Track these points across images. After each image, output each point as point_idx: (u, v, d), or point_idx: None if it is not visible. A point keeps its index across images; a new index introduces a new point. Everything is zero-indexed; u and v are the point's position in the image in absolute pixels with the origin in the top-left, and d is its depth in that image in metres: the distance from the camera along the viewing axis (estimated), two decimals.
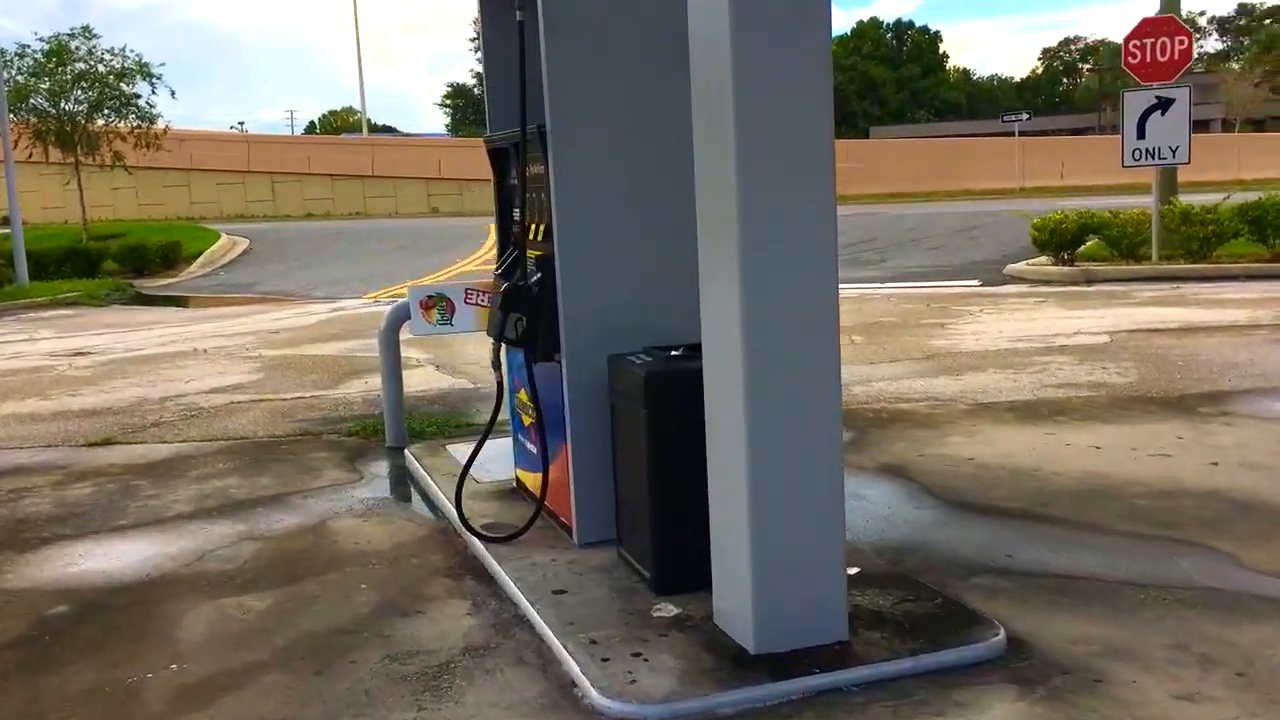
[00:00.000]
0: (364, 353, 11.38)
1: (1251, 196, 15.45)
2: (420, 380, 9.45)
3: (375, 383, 9.41)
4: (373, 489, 6.19)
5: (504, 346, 4.99)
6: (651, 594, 4.15)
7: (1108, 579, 4.28)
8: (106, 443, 7.55)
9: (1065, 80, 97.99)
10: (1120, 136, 15.06)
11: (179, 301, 20.75)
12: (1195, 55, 14.78)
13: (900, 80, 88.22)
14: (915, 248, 20.92)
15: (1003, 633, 3.70)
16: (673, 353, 4.26)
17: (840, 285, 3.53)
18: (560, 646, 3.78)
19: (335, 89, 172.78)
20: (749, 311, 3.47)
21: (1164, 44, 14.67)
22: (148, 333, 14.32)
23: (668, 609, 4.01)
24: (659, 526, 4.09)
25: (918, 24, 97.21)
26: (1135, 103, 14.73)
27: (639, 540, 4.26)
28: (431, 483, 5.92)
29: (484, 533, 4.92)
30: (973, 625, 3.78)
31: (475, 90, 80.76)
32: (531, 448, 5.28)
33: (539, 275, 4.72)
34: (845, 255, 19.87)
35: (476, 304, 7.01)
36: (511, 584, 4.39)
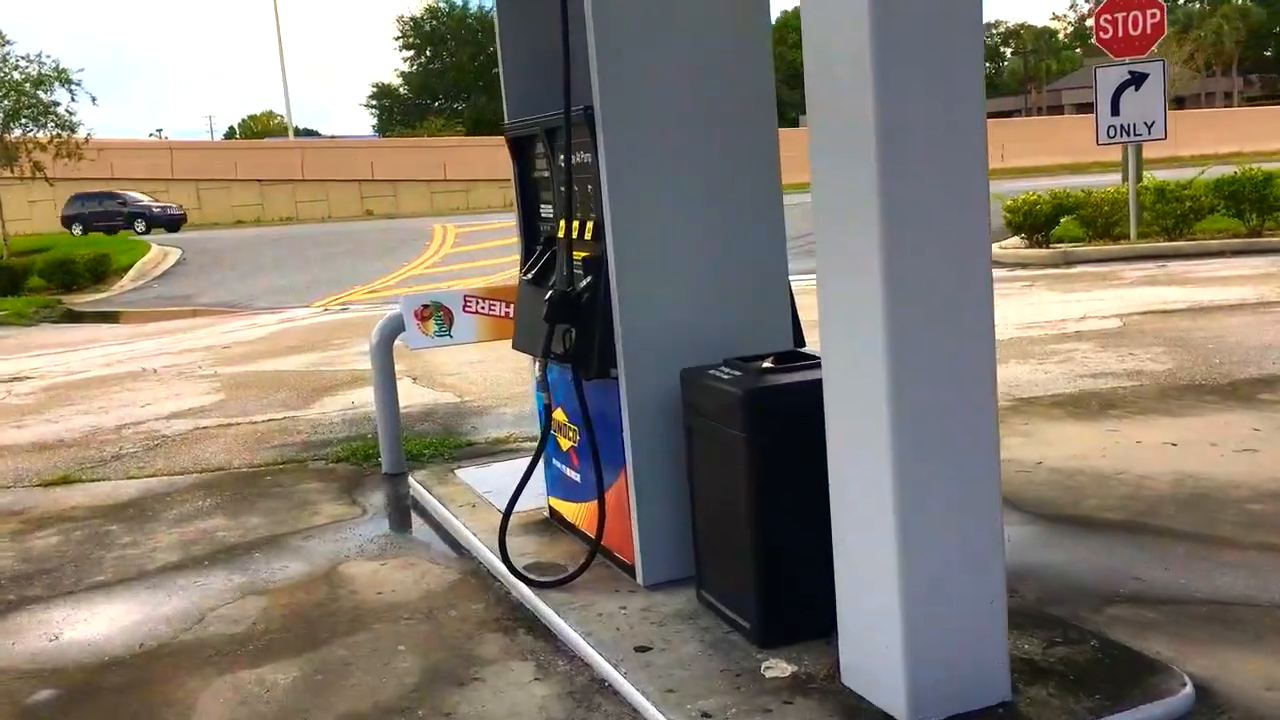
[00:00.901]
0: (328, 366, 10.66)
1: (1228, 170, 15.22)
2: (399, 396, 8.73)
3: (350, 399, 8.73)
4: (380, 525, 5.52)
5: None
6: (753, 647, 3.55)
7: (1265, 603, 3.77)
8: (65, 481, 6.77)
9: (989, 64, 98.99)
10: (1093, 114, 14.72)
11: (113, 317, 19.72)
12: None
13: None
14: None
15: (1189, 683, 3.16)
16: (764, 364, 3.67)
17: (803, 277, 2.99)
18: None
19: (252, 93, 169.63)
20: (893, 314, 2.88)
21: (1135, 18, 14.35)
22: (87, 353, 13.40)
23: (780, 666, 3.42)
24: (763, 569, 3.49)
25: None
26: (1108, 79, 14.40)
27: (732, 584, 3.66)
28: (450, 516, 5.27)
29: (533, 577, 4.28)
30: (1148, 674, 3.23)
31: (401, 90, 79.55)
32: (573, 475, 4.66)
33: (588, 280, 4.09)
34: (801, 246, 19.41)
35: (477, 312, 6.39)
36: (580, 640, 3.77)
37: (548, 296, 4.08)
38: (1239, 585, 3.92)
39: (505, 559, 4.26)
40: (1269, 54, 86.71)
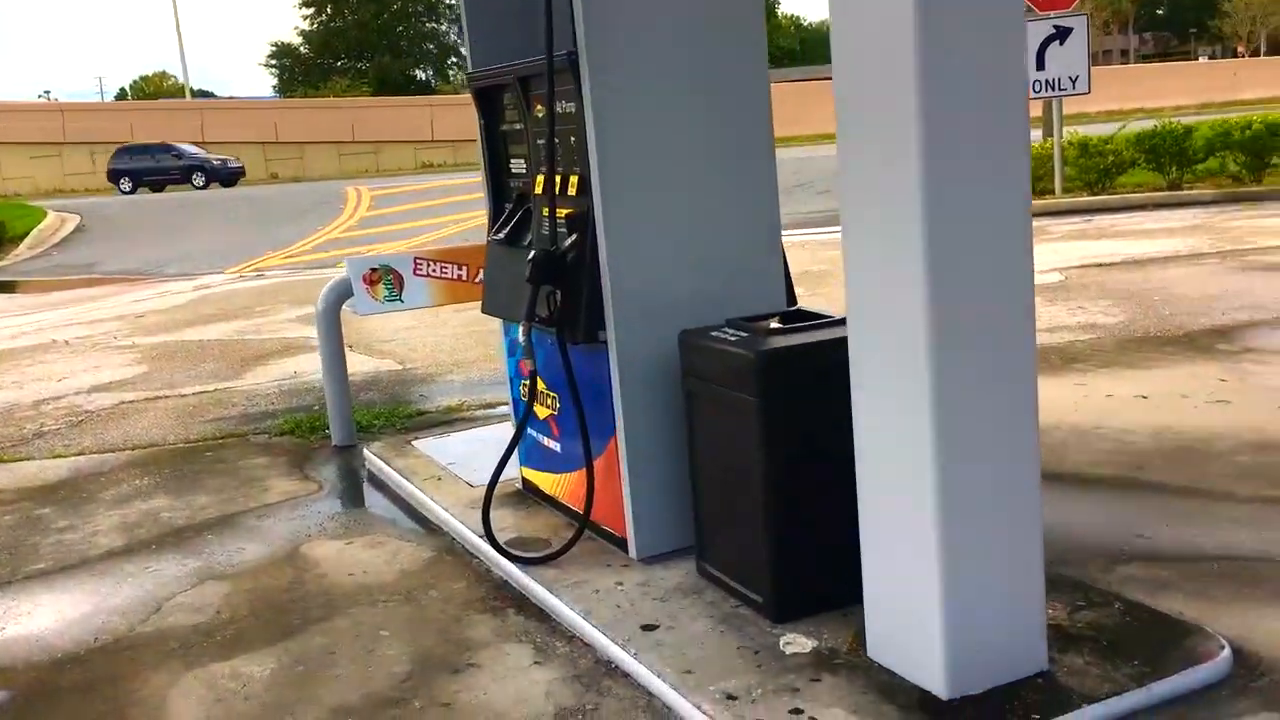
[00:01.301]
0: (255, 335, 10.23)
1: (1147, 124, 15.40)
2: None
3: (286, 369, 8.37)
4: (338, 501, 5.24)
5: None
6: (767, 622, 3.38)
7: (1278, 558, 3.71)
8: None
9: None
10: None
11: (9, 287, 18.82)
12: None
13: None
14: (803, 192, 20.40)
15: (1227, 645, 3.06)
16: (771, 325, 3.47)
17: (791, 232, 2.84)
18: (691, 707, 2.98)
19: (144, 53, 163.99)
20: (936, 266, 2.70)
21: None
22: None
23: (800, 641, 3.25)
24: (778, 540, 3.31)
25: None
26: (1033, 33, 14.40)
27: (740, 556, 3.48)
28: (416, 490, 5.01)
29: (519, 553, 4.05)
30: (1182, 637, 3.13)
31: (301, 49, 77.46)
32: (552, 444, 4.43)
33: (573, 238, 3.85)
34: None
35: (429, 275, 6.11)
36: (580, 619, 3.56)
37: (531, 257, 3.83)
38: (1248, 541, 3.85)
39: (489, 535, 4.02)
40: (1161, 12, 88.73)
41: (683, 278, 3.87)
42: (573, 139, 3.84)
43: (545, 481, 4.56)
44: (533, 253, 3.85)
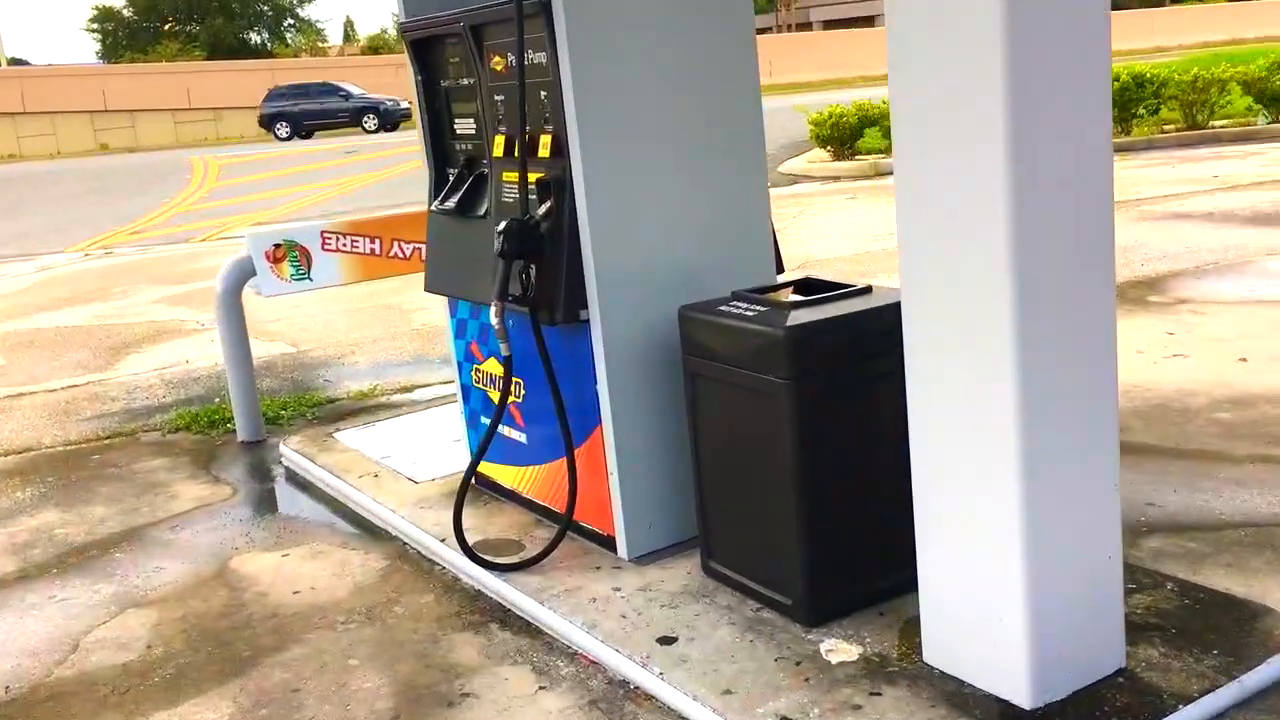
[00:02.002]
0: (119, 319, 9.44)
1: None
2: (213, 349, 7.75)
3: (163, 356, 7.70)
4: (260, 506, 4.71)
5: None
6: (798, 627, 3.05)
7: None
8: None
9: None
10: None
11: None
12: None
13: None
14: None
15: None
16: (790, 297, 3.13)
17: None
18: None
19: None
20: (1021, 225, 2.39)
21: None
22: None
23: (843, 648, 2.93)
24: (810, 536, 2.98)
25: None
26: None
27: (761, 554, 3.14)
28: (352, 490, 4.52)
29: (495, 560, 3.63)
30: (1252, 619, 2.92)
31: (125, 12, 73.49)
32: (515, 435, 4.01)
33: (547, 206, 3.43)
34: None
35: (338, 250, 5.59)
36: (582, 634, 3.18)
37: (502, 228, 3.39)
38: (1262, 505, 3.69)
39: (462, 541, 3.59)
40: None
41: (671, 248, 3.49)
42: (543, 94, 3.40)
43: (506, 475, 4.14)
44: (503, 223, 3.41)
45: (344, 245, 5.59)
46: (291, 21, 73.78)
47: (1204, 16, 46.30)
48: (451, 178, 4.02)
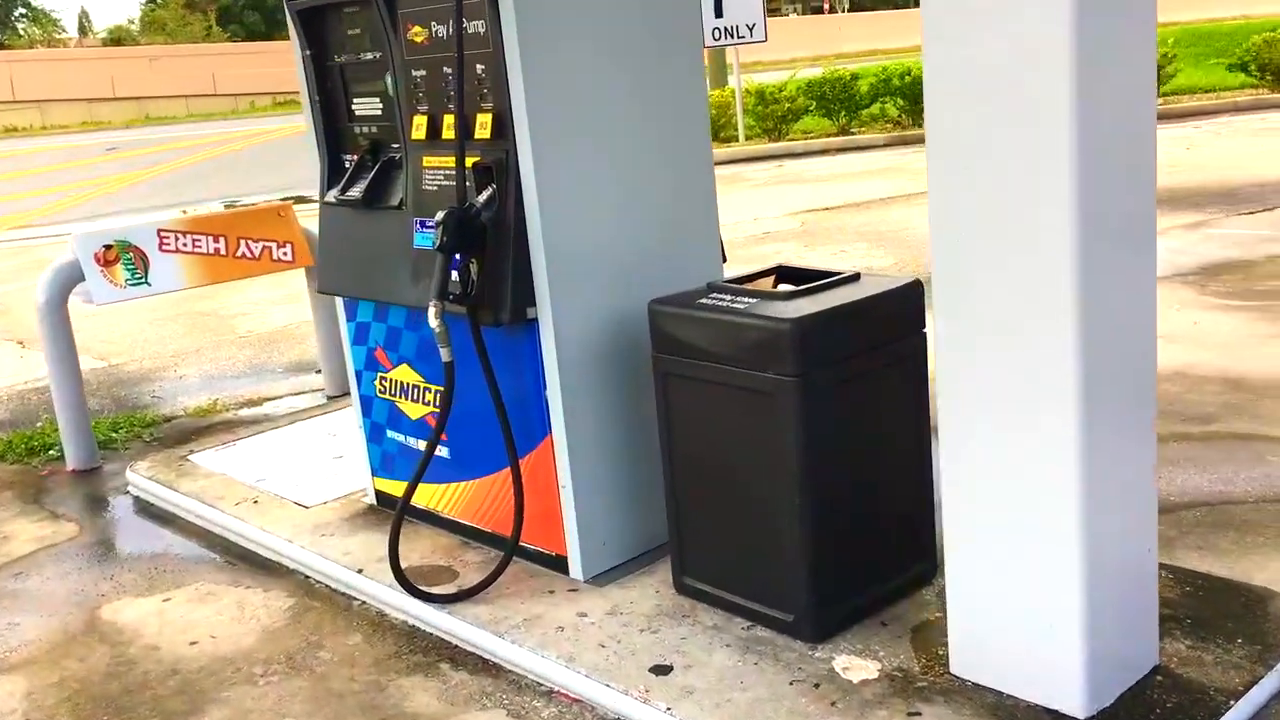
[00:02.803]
0: None
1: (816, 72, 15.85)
2: (6, 366, 6.93)
3: None
4: (116, 544, 4.12)
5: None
6: (801, 644, 2.81)
7: (1272, 498, 3.56)
8: None
9: None
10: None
11: None
12: None
13: None
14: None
15: None
16: (779, 287, 2.89)
17: None
18: None
19: None
20: (1085, 200, 2.22)
21: None
22: None
23: (858, 665, 2.71)
24: (817, 547, 2.75)
25: None
26: None
27: (756, 568, 2.88)
28: (231, 519, 4.00)
29: (435, 591, 3.24)
30: (1259, 604, 2.87)
31: None
32: (441, 451, 3.61)
33: (488, 193, 3.07)
34: None
35: (179, 250, 5.03)
36: (559, 668, 2.84)
37: (439, 218, 3.01)
38: (1204, 483, 3.70)
39: (398, 572, 3.18)
40: None
41: (623, 238, 3.19)
42: (480, 68, 3.04)
43: (420, 494, 3.73)
44: (440, 214, 3.02)
45: (184, 245, 5.02)
46: (23, 11, 68.59)
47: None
48: (350, 165, 3.59)
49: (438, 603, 3.20)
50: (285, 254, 5.24)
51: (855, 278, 2.90)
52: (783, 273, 3.03)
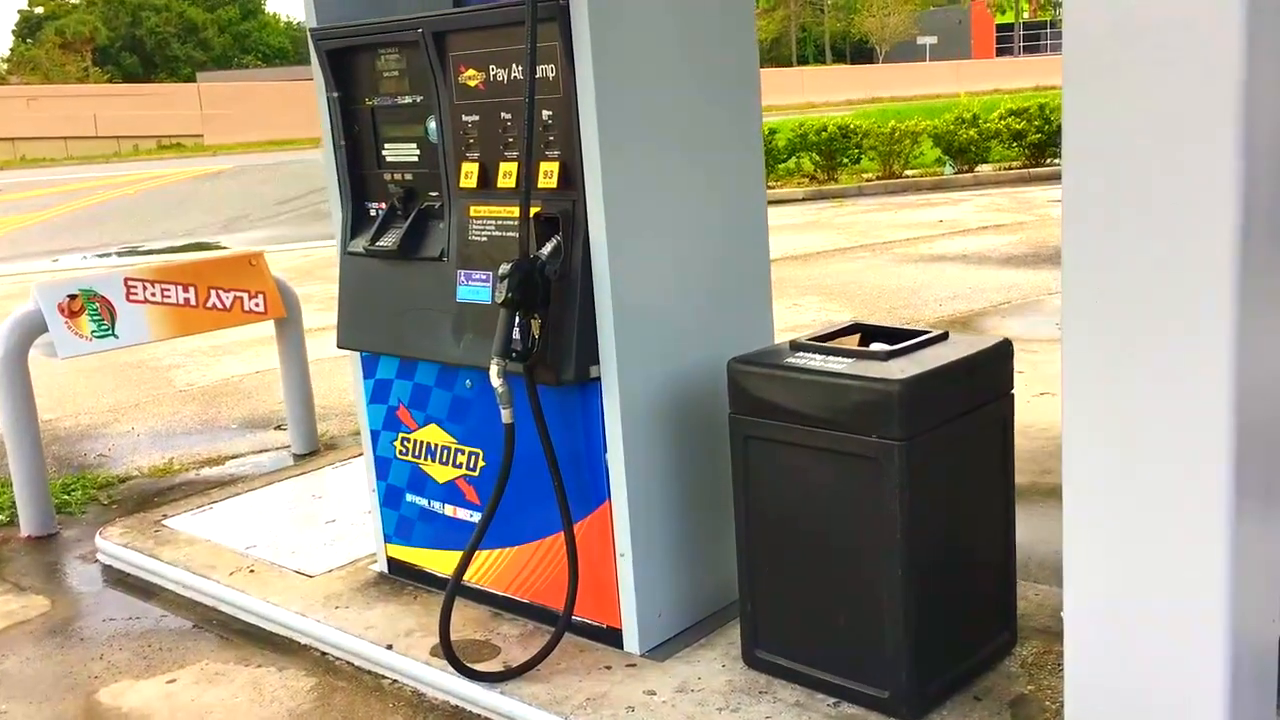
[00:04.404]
0: None
1: None
2: None
3: None
4: (97, 619, 3.79)
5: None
6: None
7: None
8: None
9: None
10: None
11: None
12: None
13: (221, 24, 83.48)
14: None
15: None
16: (876, 346, 2.78)
17: (311, 243, 2.36)
18: None
19: None
20: (1245, 220, 2.14)
21: None
22: None
23: None
24: (918, 620, 2.63)
25: None
26: None
27: (844, 641, 2.75)
28: (228, 590, 3.72)
29: (483, 669, 3.03)
30: None
31: None
32: (463, 515, 3.41)
33: (553, 245, 2.91)
34: (299, 208, 17.81)
35: (146, 300, 4.75)
36: None
37: (504, 271, 2.84)
38: None
39: (448, 648, 2.96)
40: None
41: (686, 296, 3.07)
42: (547, 114, 2.89)
43: (442, 562, 3.51)
44: (505, 266, 2.85)
45: (153, 295, 4.72)
46: None
47: (847, 76, 50.33)
48: (378, 214, 3.39)
49: (488, 681, 2.99)
50: (257, 305, 4.97)
51: (944, 337, 2.82)
52: (868, 331, 2.93)
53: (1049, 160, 15.05)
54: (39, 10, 74.26)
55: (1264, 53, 2.08)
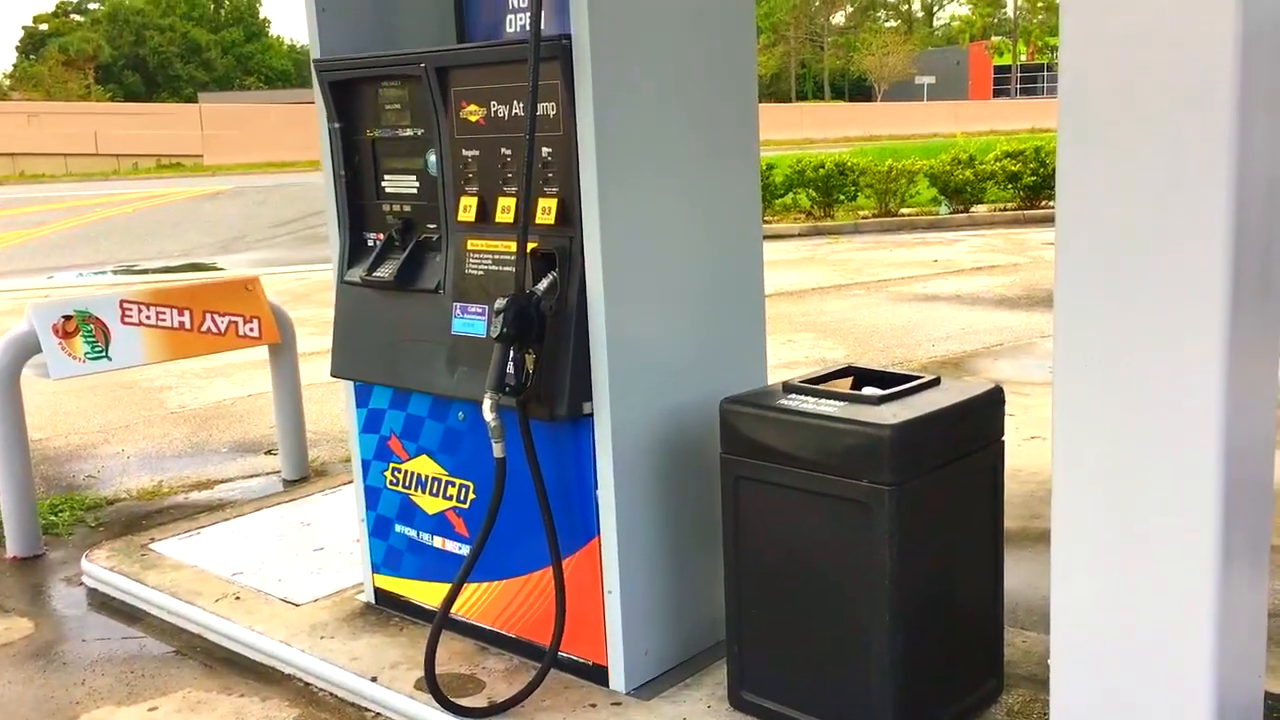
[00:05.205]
0: None
1: None
2: None
3: None
4: (80, 642, 3.77)
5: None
6: None
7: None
8: None
9: None
10: None
11: None
12: None
13: (224, 45, 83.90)
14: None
15: None
16: (869, 390, 2.79)
17: (307, 266, 2.37)
18: None
19: None
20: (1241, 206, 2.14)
21: None
22: None
23: None
24: (906, 663, 2.63)
25: None
26: None
27: (831, 684, 2.74)
28: (212, 617, 3.70)
29: (467, 704, 3.01)
30: None
31: None
32: (451, 547, 3.41)
33: (548, 280, 2.92)
34: (297, 231, 17.85)
35: (141, 323, 4.74)
36: None
37: (500, 305, 2.85)
38: None
39: (433, 684, 2.94)
40: None
41: (679, 334, 3.08)
42: (546, 151, 2.91)
43: (430, 594, 3.50)
44: (501, 301, 2.86)
45: (148, 318, 4.72)
46: None
47: (845, 113, 50.66)
48: (376, 244, 3.40)
49: (473, 717, 2.97)
50: (252, 329, 4.98)
51: (936, 382, 2.83)
52: (861, 374, 2.94)
53: (1044, 202, 15.15)
54: (43, 27, 74.64)
55: (1256, 107, 2.11)
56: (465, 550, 3.35)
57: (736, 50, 3.16)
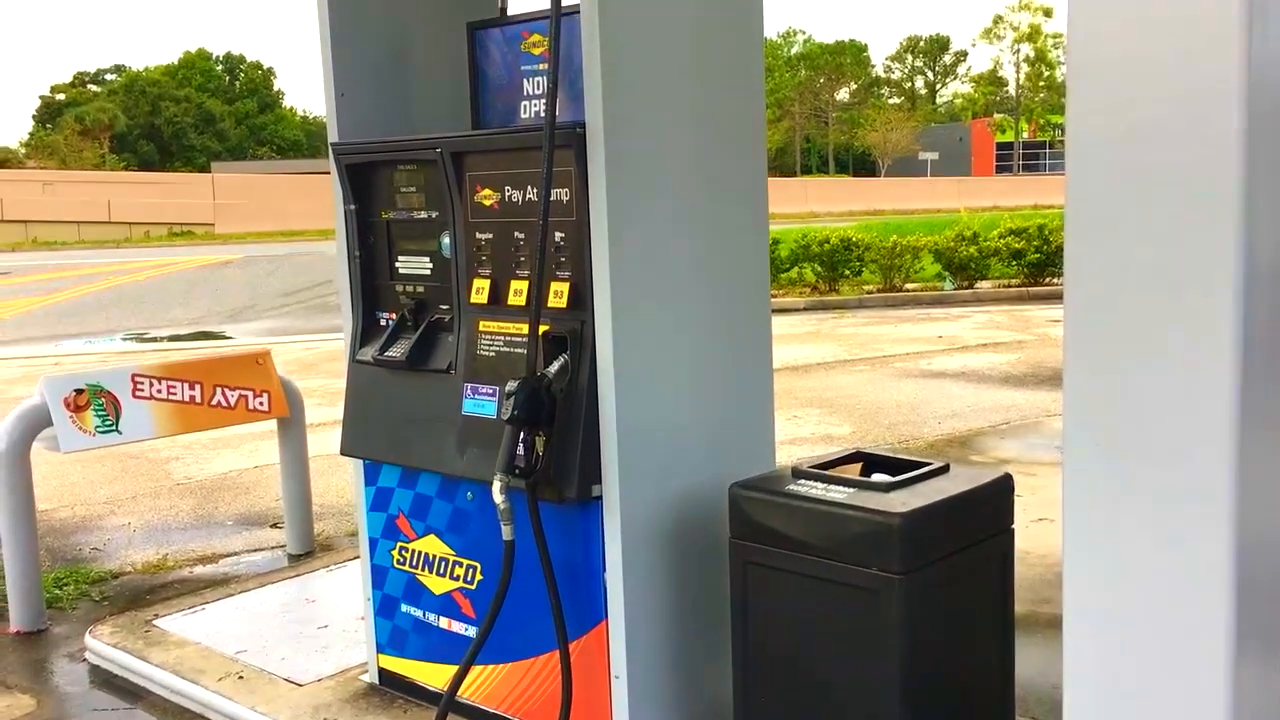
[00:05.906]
0: None
1: None
2: None
3: None
4: (78, 715, 3.75)
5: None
6: None
7: None
8: None
9: None
10: None
11: None
12: None
13: (238, 115, 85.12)
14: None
15: None
16: (878, 477, 2.79)
17: (316, 336, 2.38)
18: None
19: None
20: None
21: None
22: None
23: None
24: None
25: (249, 59, 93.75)
26: None
27: None
28: (216, 698, 3.67)
29: None
30: None
31: None
32: (458, 628, 3.39)
33: (559, 364, 2.95)
34: (306, 300, 17.96)
35: (153, 397, 4.77)
36: None
37: (511, 388, 2.87)
38: None
39: None
40: None
41: (689, 418, 3.10)
42: (559, 235, 2.95)
43: (435, 676, 3.48)
44: (512, 384, 2.88)
45: (159, 391, 4.75)
46: None
47: (849, 187, 51.18)
48: (389, 323, 3.43)
49: None
50: (262, 403, 5.00)
51: (946, 469, 2.83)
52: (869, 460, 2.94)
53: (1048, 279, 15.24)
54: (60, 97, 75.83)
55: (1263, 190, 2.14)
56: (471, 631, 3.34)
57: (747, 132, 3.21)
